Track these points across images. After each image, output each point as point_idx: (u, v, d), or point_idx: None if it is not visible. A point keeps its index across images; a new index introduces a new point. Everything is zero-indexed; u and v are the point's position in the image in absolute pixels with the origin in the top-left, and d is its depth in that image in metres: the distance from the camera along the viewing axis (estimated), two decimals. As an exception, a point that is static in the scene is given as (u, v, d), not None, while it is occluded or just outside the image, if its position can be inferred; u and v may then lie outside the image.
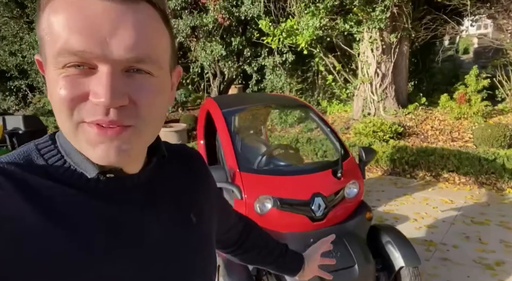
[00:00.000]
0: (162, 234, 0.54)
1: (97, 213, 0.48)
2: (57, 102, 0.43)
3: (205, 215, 0.65)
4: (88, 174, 0.48)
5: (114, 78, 0.42)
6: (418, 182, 4.91)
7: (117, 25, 0.41)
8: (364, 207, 2.33)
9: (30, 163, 0.47)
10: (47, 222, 0.43)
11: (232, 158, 2.19)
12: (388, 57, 6.87)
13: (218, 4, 7.10)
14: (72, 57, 0.41)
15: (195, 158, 0.70)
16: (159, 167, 0.58)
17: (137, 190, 0.53)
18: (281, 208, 2.09)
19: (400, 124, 6.40)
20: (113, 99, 0.41)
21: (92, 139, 0.44)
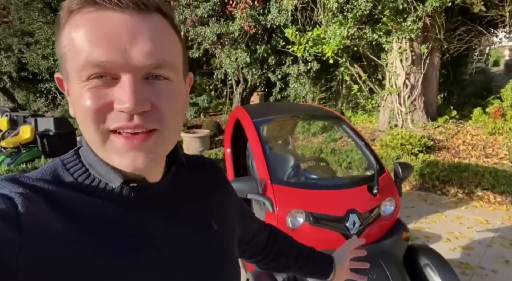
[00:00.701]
0: (184, 242, 0.56)
1: (121, 222, 0.49)
2: (83, 114, 0.45)
3: (226, 223, 0.66)
4: (112, 184, 0.50)
5: (136, 85, 0.44)
6: (449, 199, 4.68)
7: (135, 35, 0.44)
8: (401, 226, 2.20)
9: (57, 178, 0.49)
10: (74, 232, 0.45)
11: (264, 169, 2.11)
12: (418, 68, 6.68)
13: (245, 12, 7.11)
14: (95, 68, 0.43)
15: (212, 167, 0.71)
16: (178, 176, 0.60)
17: (158, 199, 0.55)
18: (313, 224, 1.99)
19: (429, 137, 6.17)
20: (136, 105, 0.44)
21: (120, 149, 0.46)
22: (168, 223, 0.55)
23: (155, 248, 0.52)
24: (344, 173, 5.64)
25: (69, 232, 0.44)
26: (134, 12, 0.45)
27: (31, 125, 6.27)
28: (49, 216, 0.44)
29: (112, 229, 0.48)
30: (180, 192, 0.59)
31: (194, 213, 0.60)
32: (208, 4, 7.44)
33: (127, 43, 0.44)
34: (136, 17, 0.45)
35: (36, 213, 0.43)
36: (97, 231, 0.47)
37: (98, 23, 0.44)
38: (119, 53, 0.43)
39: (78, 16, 0.44)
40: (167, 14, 0.48)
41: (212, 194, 0.66)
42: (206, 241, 0.59)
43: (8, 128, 6.65)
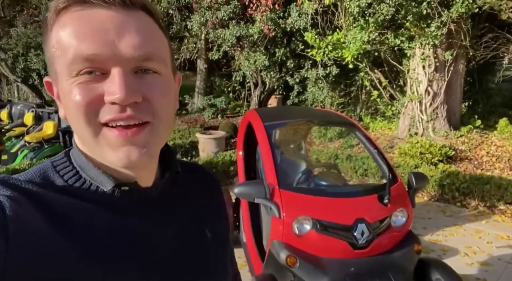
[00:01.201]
0: (174, 248, 0.55)
1: (111, 226, 0.49)
2: (74, 110, 0.45)
3: (220, 234, 0.65)
4: (103, 187, 0.49)
5: (126, 77, 0.45)
6: (469, 212, 4.50)
7: (123, 29, 0.45)
8: (413, 238, 2.12)
9: (46, 180, 0.49)
10: (62, 236, 0.44)
11: (272, 174, 2.09)
12: (441, 75, 6.48)
13: (265, 16, 7.11)
14: (85, 63, 0.44)
15: (210, 178, 0.70)
16: (172, 182, 0.59)
17: (150, 203, 0.54)
18: (320, 231, 1.95)
19: (451, 147, 5.97)
20: (127, 95, 0.43)
21: (114, 142, 0.45)
22: (159, 228, 0.54)
23: (145, 255, 0.51)
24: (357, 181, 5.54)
25: (57, 237, 0.44)
26: (120, 8, 0.46)
27: (54, 122, 6.46)
28: (37, 220, 0.43)
29: (101, 234, 0.47)
30: (173, 199, 0.58)
31: (187, 220, 0.59)
32: (229, 7, 7.49)
33: (114, 36, 0.44)
34: (122, 13, 0.46)
35: (24, 216, 0.42)
36: (87, 236, 0.46)
37: (85, 19, 0.44)
38: (107, 46, 0.44)
39: (65, 15, 0.45)
40: (152, 12, 0.49)
41: (208, 204, 0.65)
42: (199, 250, 0.59)
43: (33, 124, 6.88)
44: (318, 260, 1.91)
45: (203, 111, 10.27)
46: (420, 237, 3.71)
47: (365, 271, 1.91)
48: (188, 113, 10.99)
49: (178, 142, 6.92)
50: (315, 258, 1.92)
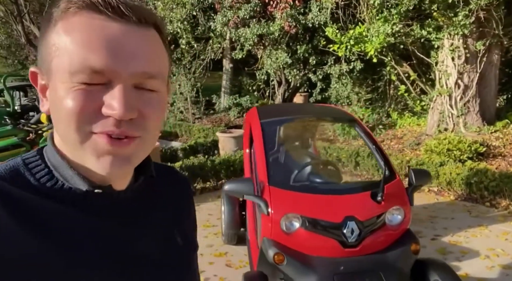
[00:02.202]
0: (145, 250, 0.55)
1: (83, 227, 0.48)
2: (66, 114, 0.45)
3: (189, 239, 0.65)
4: (77, 189, 0.49)
5: (127, 93, 0.45)
6: (498, 212, 4.20)
7: (135, 46, 0.46)
8: (410, 237, 2.03)
9: (17, 177, 0.47)
10: (30, 236, 0.43)
11: (263, 171, 2.09)
12: (473, 67, 6.09)
13: (285, 12, 7.05)
14: (92, 74, 0.44)
15: (182, 181, 0.70)
16: (146, 186, 0.59)
17: (123, 206, 0.54)
18: (309, 229, 1.92)
19: (483, 143, 5.60)
20: (126, 112, 0.44)
21: (100, 149, 0.45)
22: (130, 233, 0.54)
23: (115, 259, 0.51)
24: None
25: (24, 236, 0.43)
26: (135, 25, 0.46)
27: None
28: (3, 218, 0.42)
29: (71, 236, 0.47)
30: (146, 203, 0.58)
31: (158, 225, 0.59)
32: (249, 5, 7.51)
33: (126, 52, 0.45)
34: (136, 30, 0.46)
35: None
36: (55, 237, 0.45)
37: (99, 30, 0.44)
38: (117, 61, 0.44)
39: (75, 18, 0.45)
40: (162, 29, 0.51)
41: (179, 209, 0.65)
42: (168, 255, 0.58)
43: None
44: (306, 258, 1.89)
45: (229, 110, 10.39)
46: (439, 238, 3.57)
47: (355, 270, 1.85)
48: (215, 113, 11.17)
49: (199, 141, 7.05)
50: (304, 256, 1.90)
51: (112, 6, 0.45)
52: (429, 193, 4.95)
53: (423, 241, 3.52)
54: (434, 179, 4.95)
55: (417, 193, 4.92)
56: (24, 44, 14.97)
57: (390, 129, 7.72)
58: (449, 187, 4.81)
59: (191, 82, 10.84)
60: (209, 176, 5.20)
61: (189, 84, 10.79)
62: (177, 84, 11.33)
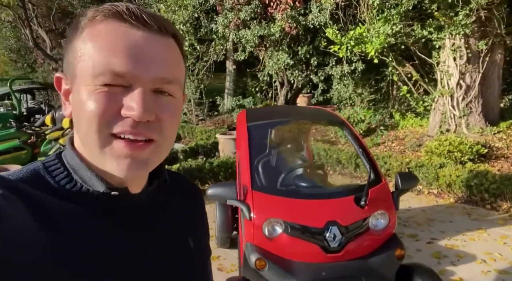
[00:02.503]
0: (159, 253, 0.56)
1: (99, 231, 0.50)
2: (88, 116, 0.47)
3: (202, 243, 0.67)
4: (95, 191, 0.50)
5: (146, 96, 0.48)
6: (499, 215, 4.13)
7: (155, 52, 0.49)
8: (395, 242, 2.00)
9: (38, 180, 0.49)
10: (51, 238, 0.45)
11: (247, 175, 2.08)
12: (475, 67, 6.00)
13: (285, 13, 7.04)
14: (114, 77, 0.46)
15: (192, 189, 0.72)
16: (159, 191, 0.60)
17: (138, 209, 0.56)
18: (292, 234, 1.91)
19: (485, 144, 5.51)
20: (144, 113, 0.46)
21: (119, 153, 0.48)
22: (144, 236, 0.55)
23: (130, 261, 0.51)
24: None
25: (46, 238, 0.44)
26: (156, 33, 0.49)
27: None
28: (26, 220, 0.43)
29: (90, 238, 0.48)
30: (160, 207, 0.60)
31: (172, 228, 0.60)
32: (250, 7, 7.51)
33: (146, 58, 0.48)
34: (157, 37, 0.50)
35: (14, 216, 0.42)
36: (74, 239, 0.47)
37: (122, 36, 0.47)
38: (138, 66, 0.47)
39: (101, 25, 0.48)
40: (180, 40, 0.54)
41: (192, 216, 0.67)
42: (182, 258, 0.60)
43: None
44: (288, 264, 1.87)
45: (233, 112, 10.40)
46: (435, 242, 3.51)
47: (337, 276, 1.84)
48: (219, 115, 11.19)
49: (200, 143, 7.07)
50: (286, 262, 1.88)
51: (136, 15, 0.48)
52: (429, 195, 4.89)
53: (418, 244, 3.47)
54: (433, 181, 4.89)
55: (416, 195, 4.90)
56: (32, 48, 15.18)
57: (392, 130, 7.65)
58: (449, 189, 4.74)
59: (194, 84, 10.89)
60: (207, 178, 5.22)
61: (193, 86, 10.84)
62: (181, 86, 11.41)
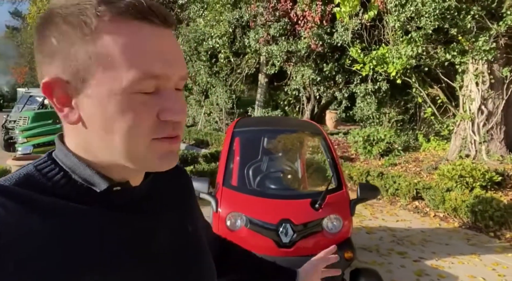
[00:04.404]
0: (167, 240, 0.57)
1: (105, 225, 0.49)
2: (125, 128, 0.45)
3: (197, 225, 0.68)
4: (97, 188, 0.49)
5: (177, 97, 0.48)
6: (500, 243, 4.05)
7: (175, 49, 0.49)
8: (347, 245, 2.19)
9: (34, 184, 0.47)
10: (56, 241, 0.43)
11: (222, 173, 2.38)
12: (498, 93, 5.88)
13: (310, 31, 7.34)
14: (152, 80, 0.45)
15: (182, 173, 0.72)
16: (155, 180, 0.60)
17: (140, 202, 0.55)
18: (250, 228, 2.17)
19: (502, 173, 5.35)
20: (184, 114, 0.48)
21: (164, 152, 0.49)
22: (150, 226, 0.55)
23: (139, 252, 0.52)
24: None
25: (51, 242, 0.43)
26: (170, 29, 0.49)
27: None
28: (28, 226, 0.42)
29: (96, 235, 0.47)
30: (158, 196, 0.60)
31: (172, 215, 0.61)
32: (279, 24, 7.89)
33: (174, 58, 0.47)
34: (171, 33, 0.49)
35: (14, 224, 0.41)
36: (81, 238, 0.45)
37: (153, 37, 0.45)
38: (171, 67, 0.46)
39: (124, 25, 0.44)
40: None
41: (184, 197, 0.68)
42: (185, 243, 0.61)
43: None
44: (245, 253, 2.13)
45: (259, 123, 10.74)
46: (422, 261, 3.57)
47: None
48: (248, 125, 11.58)
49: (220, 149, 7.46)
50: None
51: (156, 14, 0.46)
52: (434, 218, 4.86)
53: (404, 261, 3.54)
54: (440, 204, 4.85)
55: (422, 217, 4.90)
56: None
57: (414, 152, 7.56)
58: (455, 213, 4.70)
59: (227, 94, 11.42)
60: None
61: (225, 96, 11.38)
62: (215, 96, 12.00)
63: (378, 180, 5.63)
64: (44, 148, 6.23)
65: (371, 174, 5.78)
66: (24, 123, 8.57)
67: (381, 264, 3.44)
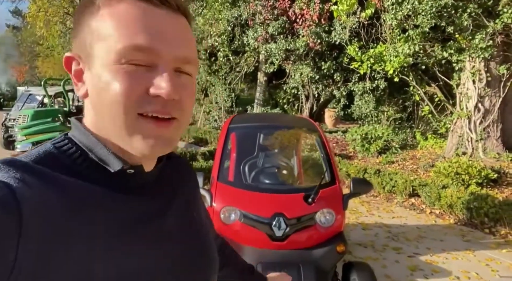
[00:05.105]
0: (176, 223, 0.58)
1: (118, 208, 0.50)
2: (114, 97, 0.46)
3: (201, 213, 0.70)
4: (111, 168, 0.50)
5: (172, 75, 0.48)
6: (494, 240, 4.08)
7: (177, 30, 0.49)
8: (339, 239, 2.23)
9: (53, 161, 0.48)
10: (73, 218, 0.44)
11: (216, 168, 2.42)
12: (495, 91, 5.91)
13: (308, 30, 7.37)
14: (138, 52, 0.46)
15: (186, 165, 0.73)
16: (165, 167, 0.62)
17: (152, 187, 0.57)
18: (244, 222, 2.21)
19: (499, 170, 5.39)
20: (173, 92, 0.47)
21: (148, 132, 0.48)
22: (161, 209, 0.57)
23: (151, 231, 0.53)
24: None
25: (68, 219, 0.44)
26: (175, 12, 0.50)
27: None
28: (47, 202, 0.43)
29: (110, 215, 0.48)
30: (167, 182, 0.61)
31: (180, 202, 0.62)
32: (278, 22, 7.92)
33: (170, 36, 0.48)
34: (175, 16, 0.50)
35: (35, 199, 0.41)
36: (96, 217, 0.47)
37: (146, 13, 0.47)
38: (163, 43, 0.47)
39: (123, 3, 0.47)
40: (191, 21, 0.55)
41: (189, 186, 0.69)
42: (193, 230, 0.62)
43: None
44: (238, 248, 2.16)
45: (258, 121, 10.78)
46: (417, 256, 3.61)
47: (279, 261, 2.10)
48: (247, 123, 11.61)
49: (219, 147, 7.49)
50: (237, 246, 2.17)
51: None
52: (430, 215, 4.90)
53: (398, 257, 3.58)
54: (436, 201, 4.89)
55: (418, 214, 4.93)
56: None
57: (412, 150, 7.60)
58: (450, 210, 4.73)
59: (226, 93, 11.46)
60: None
61: (225, 94, 11.41)
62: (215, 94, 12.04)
63: (375, 177, 5.66)
64: (43, 146, 6.27)
65: (368, 172, 5.82)
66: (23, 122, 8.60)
67: (375, 259, 3.48)
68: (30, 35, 26.52)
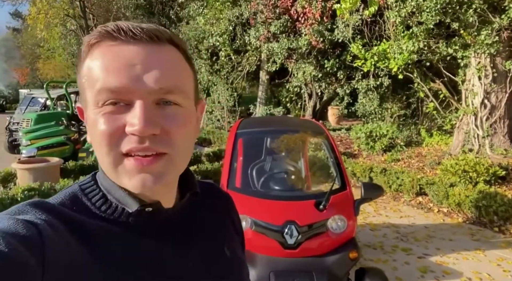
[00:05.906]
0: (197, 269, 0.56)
1: (138, 247, 0.51)
2: (98, 138, 0.48)
3: (237, 250, 0.67)
4: (129, 209, 0.51)
5: (146, 109, 0.47)
6: (504, 239, 4.05)
7: (148, 63, 0.48)
8: (351, 245, 2.21)
9: (77, 203, 0.51)
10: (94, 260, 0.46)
11: (226, 175, 2.40)
12: (501, 87, 5.85)
13: (311, 28, 7.31)
14: (110, 94, 0.46)
15: (223, 196, 0.72)
16: (192, 203, 0.60)
17: (173, 225, 0.56)
18: (256, 230, 2.19)
19: (506, 167, 5.34)
20: (146, 127, 0.45)
21: (130, 171, 0.47)
22: (182, 248, 0.56)
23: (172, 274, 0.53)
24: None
25: (89, 261, 0.45)
26: (148, 44, 0.48)
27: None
28: (70, 245, 0.45)
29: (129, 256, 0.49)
30: (194, 218, 0.60)
31: (207, 240, 0.60)
32: (280, 21, 7.87)
33: (140, 71, 0.47)
34: (149, 48, 0.48)
35: (59, 241, 0.43)
36: (116, 259, 0.48)
37: (115, 54, 0.47)
38: (132, 79, 0.46)
39: (97, 49, 0.48)
40: (179, 45, 0.52)
41: (224, 221, 0.67)
42: (217, 271, 0.60)
43: None
44: (250, 256, 2.15)
45: (261, 120, 10.77)
46: (427, 257, 3.58)
47: (291, 269, 2.08)
48: (250, 122, 11.60)
49: (223, 148, 7.48)
50: (249, 254, 2.15)
51: (124, 31, 0.47)
52: (438, 213, 4.87)
53: (409, 258, 3.55)
54: (443, 199, 4.86)
55: (426, 213, 4.90)
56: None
57: (417, 147, 7.56)
58: (458, 208, 4.70)
59: (228, 92, 11.43)
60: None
61: (227, 93, 11.39)
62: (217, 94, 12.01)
63: (381, 176, 5.63)
64: (48, 150, 6.26)
65: (374, 170, 5.79)
66: (27, 126, 8.61)
67: (385, 261, 3.45)
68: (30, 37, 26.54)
